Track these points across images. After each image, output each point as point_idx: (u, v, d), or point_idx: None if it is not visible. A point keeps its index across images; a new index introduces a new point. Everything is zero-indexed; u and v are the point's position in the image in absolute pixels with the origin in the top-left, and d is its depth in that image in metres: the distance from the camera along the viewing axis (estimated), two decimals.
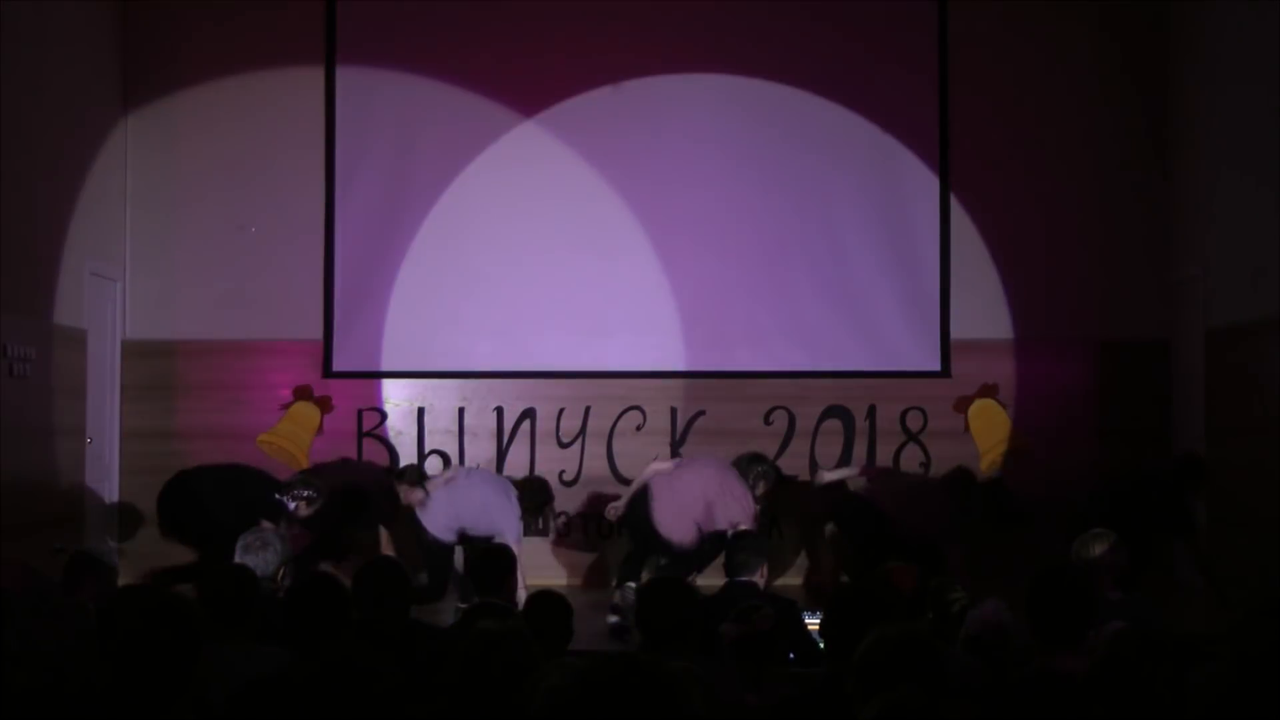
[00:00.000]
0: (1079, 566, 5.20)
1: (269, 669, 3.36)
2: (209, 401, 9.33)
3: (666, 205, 9.38)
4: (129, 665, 2.96)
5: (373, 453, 9.40)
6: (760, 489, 8.28)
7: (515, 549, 7.04)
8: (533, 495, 8.39)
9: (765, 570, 5.91)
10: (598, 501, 9.06)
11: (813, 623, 5.08)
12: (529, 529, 8.45)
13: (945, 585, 5.29)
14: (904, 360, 9.35)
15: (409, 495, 8.23)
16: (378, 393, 9.44)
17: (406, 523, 8.42)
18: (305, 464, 9.21)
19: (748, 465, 8.38)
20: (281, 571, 5.24)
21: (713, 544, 7.74)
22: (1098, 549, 5.30)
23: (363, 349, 9.42)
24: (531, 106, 9.44)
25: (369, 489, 8.84)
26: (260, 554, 5.17)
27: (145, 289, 9.46)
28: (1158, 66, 9.44)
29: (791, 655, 4.92)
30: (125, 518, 9.31)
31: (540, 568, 8.97)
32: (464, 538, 8.19)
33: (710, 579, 7.07)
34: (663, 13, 9.45)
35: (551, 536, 9.20)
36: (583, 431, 9.34)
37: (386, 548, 9.06)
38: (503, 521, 8.03)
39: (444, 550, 8.19)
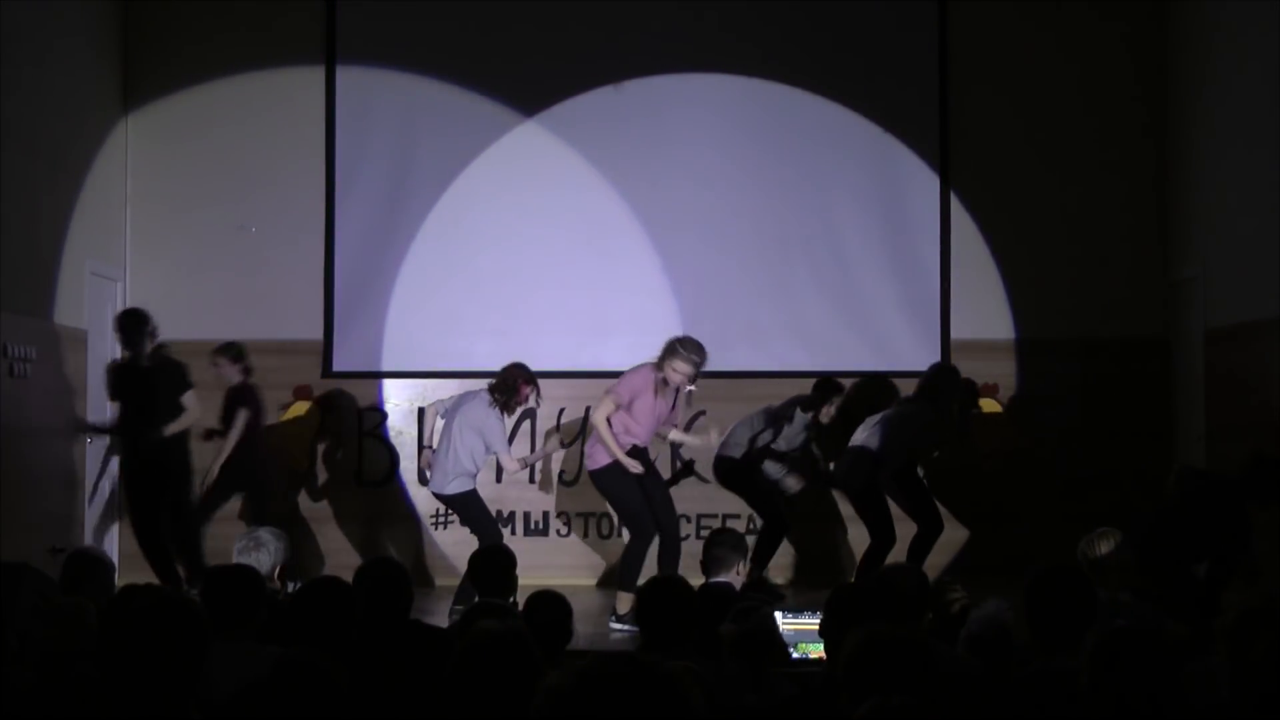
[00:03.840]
0: (1083, 566, 5.20)
1: (269, 669, 3.36)
2: (209, 401, 9.31)
3: (666, 205, 9.39)
4: (135, 664, 2.96)
5: (373, 452, 9.40)
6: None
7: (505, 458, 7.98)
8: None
9: (743, 567, 5.88)
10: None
11: (812, 623, 5.07)
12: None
13: (945, 585, 5.28)
14: (904, 360, 9.34)
15: (225, 369, 8.36)
16: (378, 393, 9.45)
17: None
18: (305, 464, 9.22)
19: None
20: (277, 571, 5.24)
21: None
22: (1103, 548, 5.29)
23: (363, 349, 9.43)
24: (531, 106, 9.44)
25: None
26: (254, 555, 5.17)
27: (145, 289, 9.46)
28: (1157, 66, 9.45)
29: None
30: (125, 517, 9.31)
31: (541, 567, 8.97)
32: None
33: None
34: (663, 13, 9.46)
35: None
36: (583, 431, 9.34)
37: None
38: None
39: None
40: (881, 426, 8.10)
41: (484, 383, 8.12)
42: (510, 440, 9.28)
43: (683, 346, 7.57)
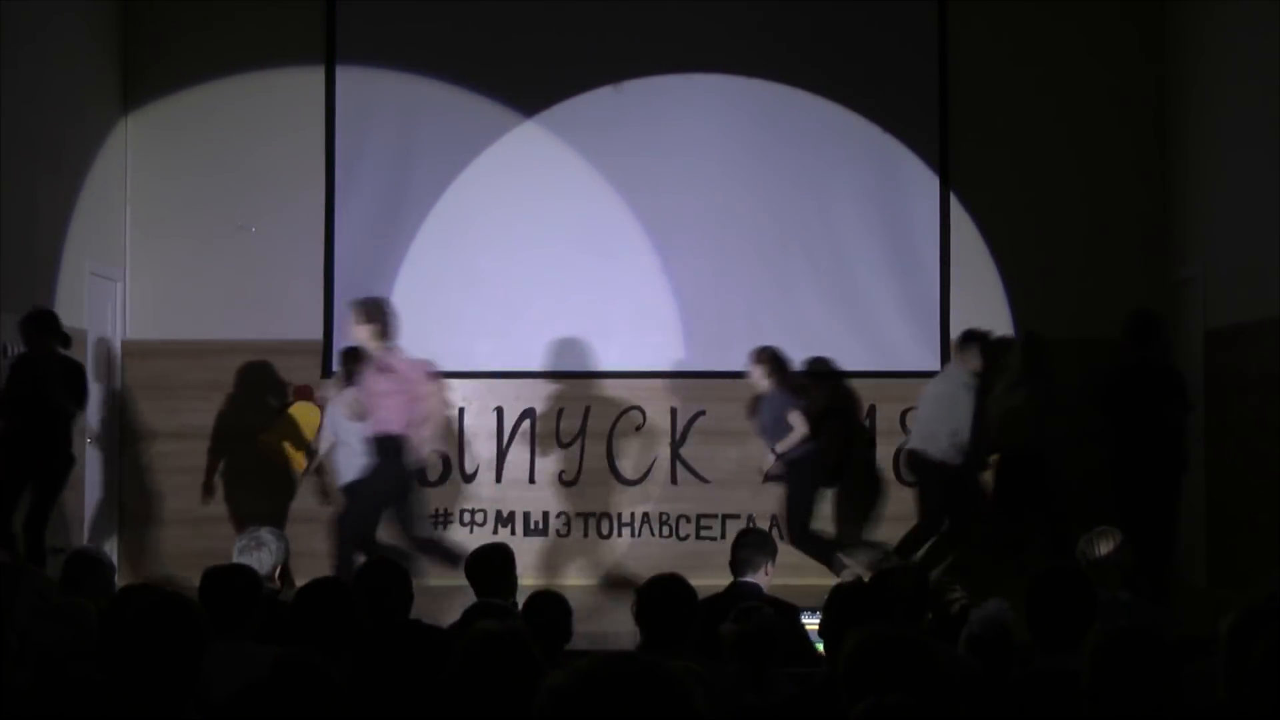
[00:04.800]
0: (1082, 566, 5.20)
1: (268, 669, 3.36)
2: (209, 401, 9.33)
3: (666, 205, 9.39)
4: (133, 665, 2.96)
5: None
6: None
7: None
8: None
9: (770, 567, 5.83)
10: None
11: (811, 623, 5.06)
12: None
13: (945, 585, 5.28)
14: (904, 360, 9.35)
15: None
16: None
17: None
18: (305, 464, 9.21)
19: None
20: (277, 571, 5.24)
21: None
22: (1103, 548, 5.29)
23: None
24: (531, 106, 9.44)
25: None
26: (255, 554, 5.17)
27: (145, 289, 9.46)
28: (1158, 65, 9.45)
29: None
30: (125, 518, 9.32)
31: (541, 567, 8.99)
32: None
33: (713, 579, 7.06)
34: (663, 13, 9.46)
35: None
36: (583, 431, 9.34)
37: None
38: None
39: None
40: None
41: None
42: (510, 441, 9.34)
43: None
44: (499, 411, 9.37)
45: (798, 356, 9.34)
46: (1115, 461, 7.80)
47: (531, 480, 9.36)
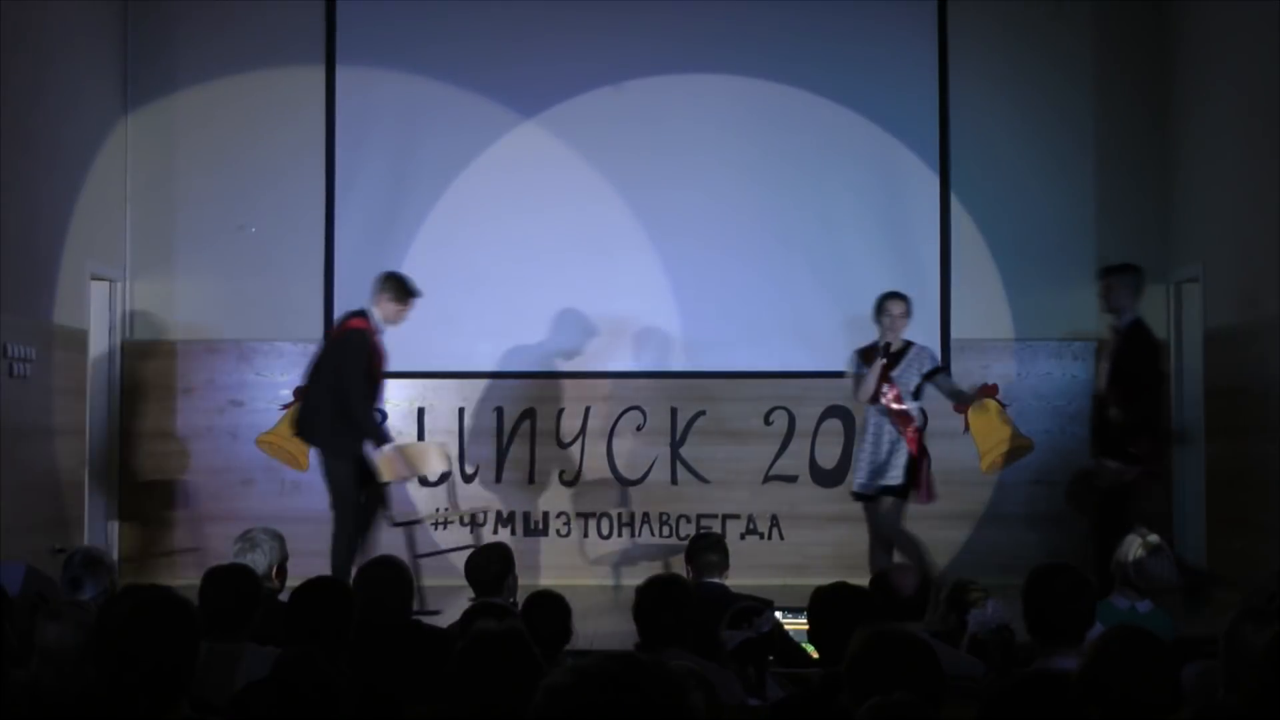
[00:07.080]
0: (1111, 570, 5.19)
1: (269, 669, 3.36)
2: (209, 401, 9.33)
3: (666, 205, 9.39)
4: (126, 665, 2.96)
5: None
6: None
7: None
8: None
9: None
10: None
11: (793, 623, 5.05)
12: None
13: (967, 586, 5.29)
14: None
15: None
16: None
17: None
18: (305, 465, 9.20)
19: None
20: (274, 570, 5.24)
21: None
22: (1136, 554, 5.28)
23: None
24: (531, 106, 9.44)
25: None
26: (250, 555, 5.17)
27: (145, 289, 9.46)
28: (1158, 65, 9.45)
29: (771, 657, 4.86)
30: (126, 518, 9.32)
31: (541, 567, 8.99)
32: None
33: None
34: (663, 13, 9.46)
35: None
36: (583, 431, 9.34)
37: None
38: None
39: None
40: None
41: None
42: (510, 441, 9.34)
43: None
44: (499, 411, 9.37)
45: (797, 356, 9.35)
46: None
47: (531, 480, 9.36)
